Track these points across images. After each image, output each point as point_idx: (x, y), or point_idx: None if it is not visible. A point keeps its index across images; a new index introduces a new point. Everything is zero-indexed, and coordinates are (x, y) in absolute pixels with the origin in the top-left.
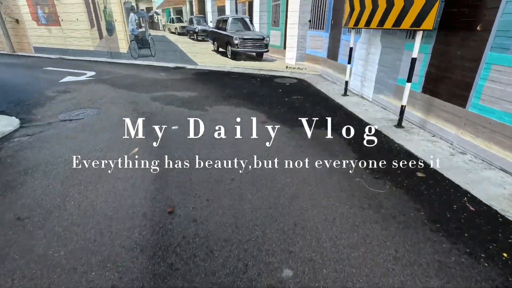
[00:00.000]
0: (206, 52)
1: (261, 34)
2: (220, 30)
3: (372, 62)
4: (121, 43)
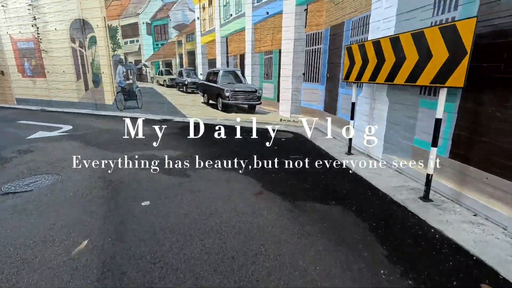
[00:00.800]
0: (196, 105)
1: (253, 86)
2: (210, 82)
3: (378, 119)
4: (107, 95)
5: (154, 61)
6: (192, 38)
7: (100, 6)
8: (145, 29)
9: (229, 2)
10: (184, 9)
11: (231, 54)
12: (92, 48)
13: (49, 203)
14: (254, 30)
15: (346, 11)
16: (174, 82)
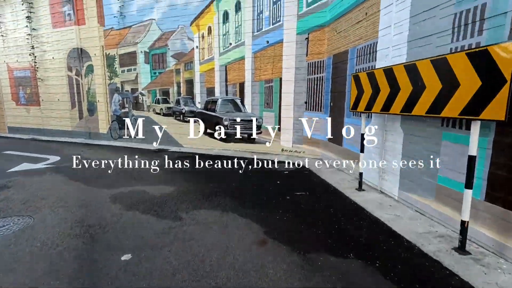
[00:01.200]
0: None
1: (253, 115)
2: (209, 111)
3: (392, 152)
4: (102, 124)
5: (151, 90)
6: (190, 66)
7: (99, 36)
8: (143, 58)
9: (229, 31)
10: (183, 38)
11: (230, 82)
12: (88, 77)
13: (9, 258)
14: (254, 58)
15: (350, 39)
16: (171, 111)
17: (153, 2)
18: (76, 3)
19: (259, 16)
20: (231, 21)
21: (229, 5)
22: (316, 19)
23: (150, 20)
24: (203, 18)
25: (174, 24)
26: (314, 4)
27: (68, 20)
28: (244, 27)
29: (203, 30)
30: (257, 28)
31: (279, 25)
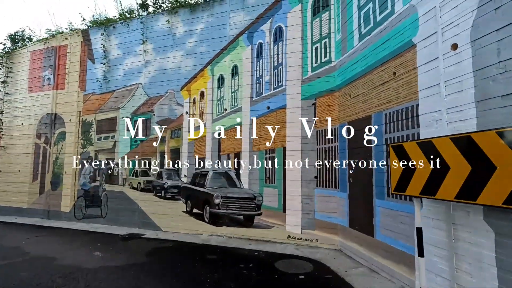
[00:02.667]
0: (176, 214)
1: (251, 192)
2: (196, 186)
3: (472, 258)
4: (65, 200)
5: (129, 160)
6: (177, 134)
7: (78, 101)
8: (124, 124)
9: (224, 96)
10: (172, 104)
11: (224, 152)
12: (58, 145)
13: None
14: (252, 125)
15: (373, 103)
16: (150, 185)
17: (141, 66)
18: (58, 68)
19: (259, 81)
20: (226, 85)
21: (225, 69)
22: (323, 83)
23: (136, 84)
24: (195, 83)
25: (162, 89)
26: (320, 68)
27: (46, 85)
28: (242, 92)
29: (195, 95)
30: (256, 93)
31: (281, 90)
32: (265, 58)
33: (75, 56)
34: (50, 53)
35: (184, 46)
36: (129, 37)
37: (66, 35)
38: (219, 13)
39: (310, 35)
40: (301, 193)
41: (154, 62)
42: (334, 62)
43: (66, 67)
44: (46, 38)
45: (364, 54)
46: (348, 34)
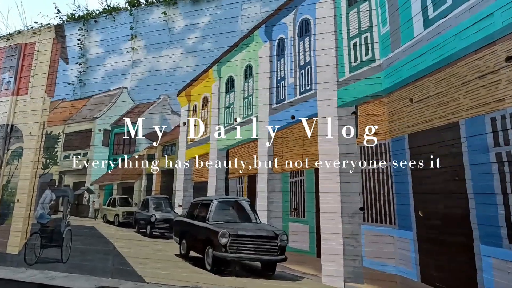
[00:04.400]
0: (165, 258)
1: (271, 229)
2: (195, 220)
3: None
4: (14, 238)
5: (105, 185)
6: (171, 151)
7: (42, 109)
8: (101, 138)
9: (234, 103)
10: (165, 112)
11: (233, 175)
12: (12, 164)
13: None
14: (272, 140)
15: (462, 104)
16: (131, 219)
17: (127, 67)
18: (21, 70)
19: (280, 84)
20: (237, 90)
21: (236, 70)
22: (366, 87)
23: (120, 88)
24: (196, 87)
25: (153, 94)
26: (361, 68)
27: (4, 90)
28: (258, 97)
29: (196, 101)
30: (276, 99)
31: (310, 95)
32: (287, 56)
33: (44, 55)
34: (12, 52)
35: (184, 43)
36: (114, 32)
37: (35, 31)
38: (229, 4)
39: (346, 28)
40: (342, 230)
41: (145, 62)
42: (380, 61)
43: (31, 68)
44: (10, 34)
45: (436, 43)
46: (402, 24)
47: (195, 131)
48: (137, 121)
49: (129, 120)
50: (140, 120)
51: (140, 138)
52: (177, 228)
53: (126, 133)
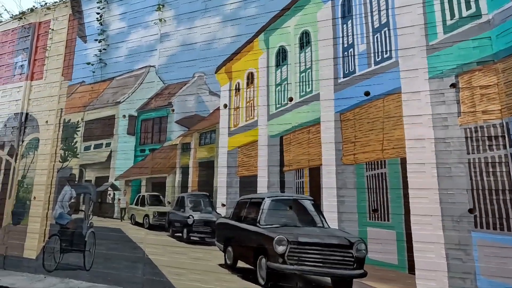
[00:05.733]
0: (206, 269)
1: (343, 235)
2: (243, 222)
3: None
4: (31, 240)
5: (132, 180)
6: (210, 139)
7: (59, 94)
8: (125, 126)
9: (287, 78)
10: (201, 93)
11: (289, 167)
12: (27, 157)
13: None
14: (340, 123)
15: None
16: (164, 220)
17: (154, 42)
18: (35, 51)
19: (347, 52)
20: (291, 62)
21: (288, 38)
22: (469, 51)
23: (146, 67)
24: (239, 61)
25: (186, 72)
26: (461, 27)
27: (17, 75)
28: (319, 71)
29: (238, 79)
30: (343, 72)
31: (390, 64)
32: (356, 18)
33: (59, 34)
34: (26, 33)
35: (221, 10)
36: (138, 3)
37: (49, 7)
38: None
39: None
40: (444, 239)
41: (175, 35)
42: (488, 16)
43: (46, 49)
44: (22, 12)
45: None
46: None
47: (239, 114)
48: (167, 104)
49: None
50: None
51: (172, 125)
52: (220, 233)
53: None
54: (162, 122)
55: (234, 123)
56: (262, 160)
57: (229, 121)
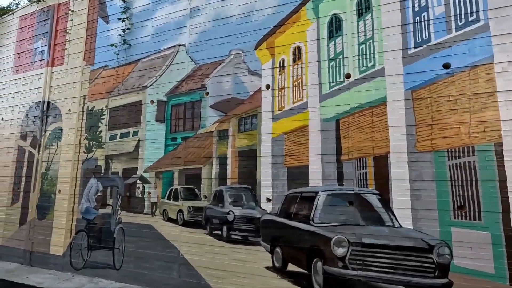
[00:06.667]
0: (251, 272)
1: (419, 236)
2: (293, 220)
3: None
4: (57, 236)
5: (163, 172)
6: (250, 125)
7: (82, 80)
8: (154, 112)
9: (343, 52)
10: (239, 73)
11: (349, 156)
12: (51, 148)
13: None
14: (412, 102)
15: None
16: (201, 216)
17: (183, 18)
18: (55, 35)
19: (419, 17)
20: (347, 33)
21: (343, 4)
22: None
23: (175, 47)
24: (283, 34)
25: (222, 50)
26: None
27: (38, 61)
28: (383, 41)
29: (283, 54)
30: (414, 41)
31: (477, 29)
32: None
33: (80, 16)
34: (45, 16)
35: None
36: None
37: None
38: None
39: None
40: None
41: (207, 8)
42: None
43: (66, 33)
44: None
45: None
46: None
47: (284, 96)
48: (200, 87)
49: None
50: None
51: (206, 110)
52: (266, 231)
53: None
54: (195, 107)
55: (279, 106)
56: (314, 148)
57: (273, 103)
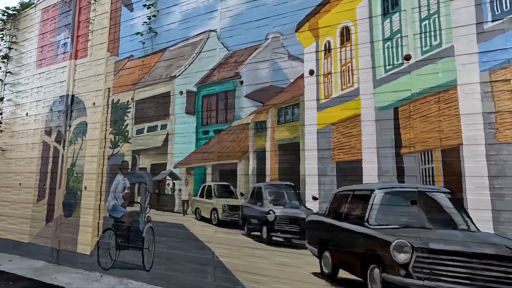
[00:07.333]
0: (296, 278)
1: (503, 242)
2: (344, 221)
3: None
4: (84, 234)
5: (194, 167)
6: (292, 115)
7: (106, 72)
8: (183, 104)
9: (401, 30)
10: (278, 58)
11: (410, 149)
12: (76, 143)
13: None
14: (490, 85)
15: None
16: (237, 216)
17: (214, 1)
18: (78, 27)
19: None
20: (406, 8)
21: None
22: None
23: (206, 33)
24: (328, 13)
25: (257, 34)
26: None
27: (61, 54)
28: (450, 15)
29: (329, 36)
30: (491, 14)
31: None
32: None
33: (102, 5)
34: (67, 7)
35: None
36: None
37: None
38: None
39: None
40: None
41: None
42: None
43: (89, 23)
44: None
45: None
46: None
47: (331, 82)
48: (233, 76)
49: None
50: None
51: (241, 100)
52: (313, 233)
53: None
54: (229, 98)
55: (325, 93)
56: (368, 140)
57: (318, 91)
